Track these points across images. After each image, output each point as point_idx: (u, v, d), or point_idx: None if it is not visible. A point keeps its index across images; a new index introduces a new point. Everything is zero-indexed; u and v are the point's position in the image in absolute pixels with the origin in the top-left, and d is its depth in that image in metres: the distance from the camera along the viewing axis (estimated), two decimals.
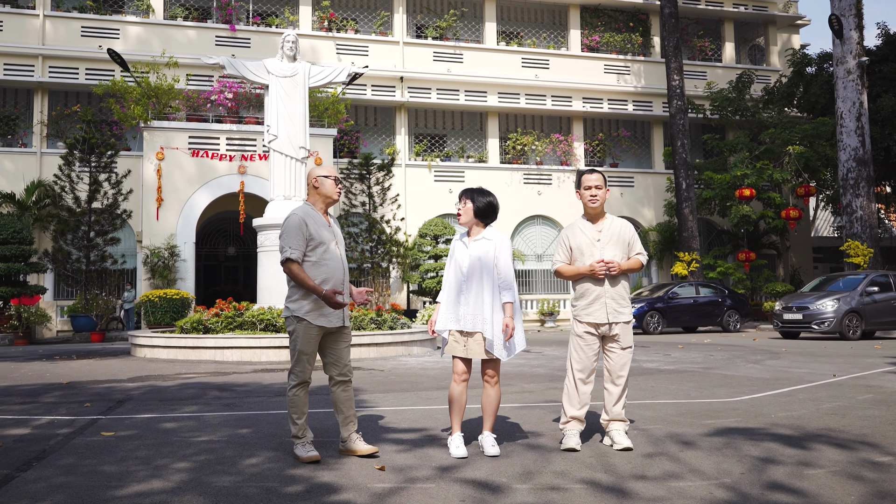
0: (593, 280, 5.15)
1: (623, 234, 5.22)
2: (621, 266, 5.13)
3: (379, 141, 25.49)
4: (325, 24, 24.04)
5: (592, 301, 5.15)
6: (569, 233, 5.30)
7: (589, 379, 5.19)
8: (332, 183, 4.99)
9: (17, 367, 10.89)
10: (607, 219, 5.28)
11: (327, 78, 13.08)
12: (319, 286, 4.76)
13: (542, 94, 26.10)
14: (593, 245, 5.17)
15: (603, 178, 5.24)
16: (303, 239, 4.78)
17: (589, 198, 5.17)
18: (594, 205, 5.16)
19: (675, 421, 5.97)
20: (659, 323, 19.73)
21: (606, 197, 5.25)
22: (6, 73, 21.04)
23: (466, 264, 4.95)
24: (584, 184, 5.21)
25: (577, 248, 5.21)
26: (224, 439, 5.42)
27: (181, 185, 19.45)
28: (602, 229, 5.22)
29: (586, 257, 5.17)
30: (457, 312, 4.95)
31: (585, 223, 5.27)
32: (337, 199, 5.00)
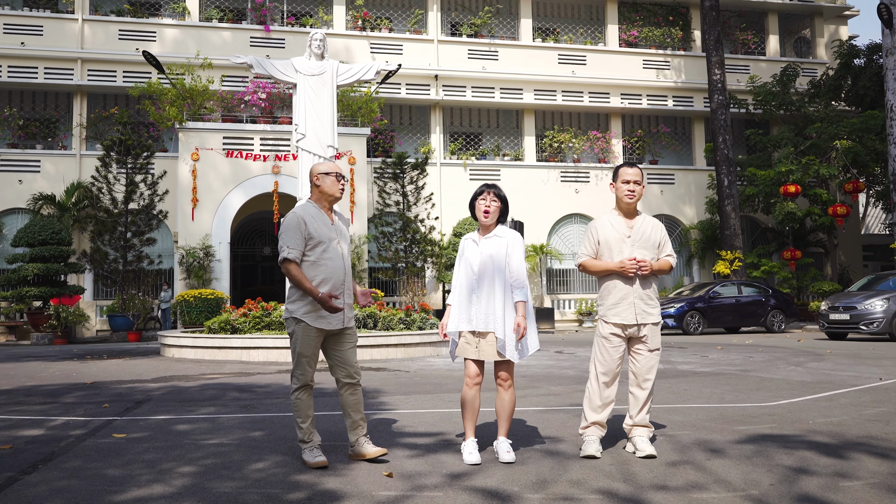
0: (622, 278, 4.90)
1: (654, 234, 4.97)
2: (652, 266, 4.88)
3: (414, 140, 25.37)
4: (358, 23, 24.00)
5: (620, 300, 4.90)
6: (598, 226, 5.04)
7: (613, 382, 4.94)
8: (332, 180, 4.83)
9: (47, 366, 10.99)
10: (640, 216, 5.03)
11: (356, 76, 12.95)
12: (315, 288, 4.62)
13: (579, 91, 25.70)
14: (623, 241, 4.92)
15: (641, 174, 5.00)
16: (301, 238, 4.65)
17: (626, 192, 4.90)
18: (630, 200, 4.90)
19: (704, 427, 5.67)
20: (699, 323, 19.23)
21: (642, 193, 5.00)
22: (47, 76, 21.43)
23: (478, 263, 4.76)
24: (621, 177, 4.95)
25: (605, 242, 4.96)
26: (235, 442, 5.30)
27: (216, 186, 19.56)
28: (633, 226, 4.97)
29: (614, 253, 4.92)
30: (469, 312, 4.76)
31: (617, 218, 5.02)
32: (339, 196, 4.83)
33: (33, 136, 21.73)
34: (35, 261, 17.83)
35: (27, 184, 20.76)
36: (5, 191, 20.67)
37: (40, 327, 18.07)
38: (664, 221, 25.64)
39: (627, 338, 4.94)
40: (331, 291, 4.66)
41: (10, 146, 21.21)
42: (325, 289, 4.65)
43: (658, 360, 4.98)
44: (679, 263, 26.16)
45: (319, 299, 4.56)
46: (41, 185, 20.75)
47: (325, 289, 4.65)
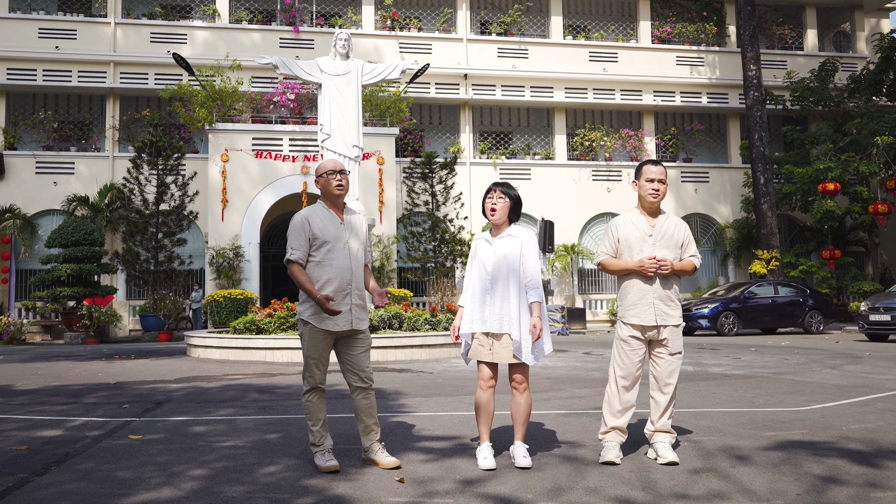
0: (641, 278, 4.74)
1: (677, 234, 4.81)
2: (674, 266, 4.71)
3: (443, 139, 25.27)
4: (387, 23, 23.97)
5: (638, 301, 4.75)
6: (618, 224, 4.90)
7: (633, 386, 4.78)
8: (327, 179, 4.74)
9: (75, 366, 11.09)
10: (663, 215, 4.87)
11: (381, 75, 12.88)
12: (314, 290, 4.55)
13: (610, 89, 25.37)
14: (644, 240, 4.77)
15: (665, 172, 4.84)
16: (304, 239, 4.60)
17: (650, 190, 4.74)
18: (654, 199, 4.74)
19: (731, 432, 5.47)
20: (734, 324, 18.83)
21: (666, 192, 4.83)
22: (80, 79, 21.74)
23: (491, 263, 4.63)
24: (645, 175, 4.79)
25: (626, 241, 4.81)
26: (249, 445, 5.25)
27: (245, 186, 19.67)
28: (655, 225, 4.81)
29: (634, 252, 4.77)
30: (482, 313, 4.63)
31: (639, 216, 4.86)
32: (337, 193, 4.73)
33: (68, 138, 22.07)
34: (68, 261, 18.09)
35: (62, 185, 21.09)
36: (41, 192, 21.02)
37: (73, 327, 18.33)
38: (698, 220, 25.32)
39: (648, 340, 4.78)
40: (336, 291, 4.58)
41: (45, 148, 21.57)
42: (330, 289, 4.57)
43: (680, 363, 4.81)
44: (714, 263, 25.71)
45: (316, 301, 4.48)
46: (75, 187, 21.07)
47: (330, 289, 4.57)
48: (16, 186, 20.88)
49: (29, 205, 20.81)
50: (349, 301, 4.65)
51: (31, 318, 20.12)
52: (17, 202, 20.59)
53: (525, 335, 4.54)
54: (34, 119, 21.66)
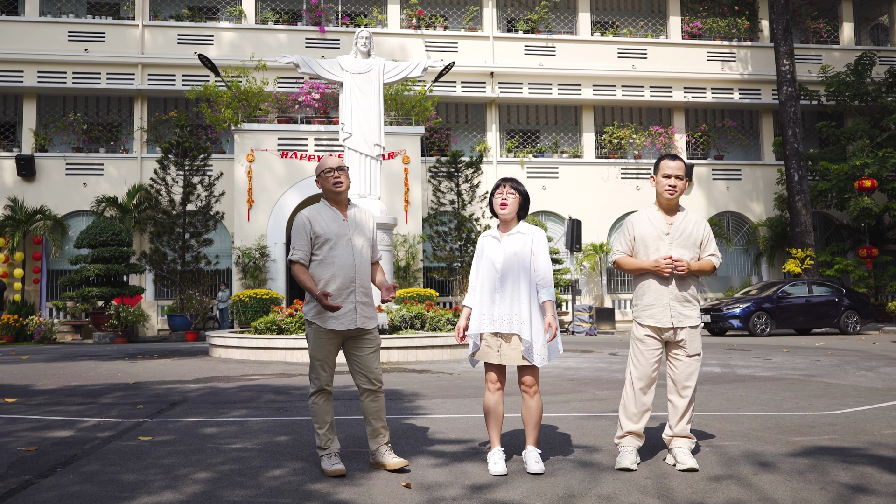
0: (657, 278, 4.58)
1: (696, 232, 4.62)
2: (691, 266, 4.52)
3: (470, 138, 25.11)
4: (413, 21, 23.87)
5: (654, 302, 4.59)
6: (635, 221, 4.72)
7: (649, 389, 4.61)
8: (325, 177, 4.65)
9: (97, 365, 11.13)
10: (681, 213, 4.68)
11: (402, 73, 12.76)
12: (314, 287, 4.48)
13: (639, 85, 25.00)
14: (660, 239, 4.59)
15: (684, 167, 4.63)
16: (306, 239, 4.53)
17: (667, 187, 4.56)
18: (671, 196, 4.56)
19: (756, 437, 5.24)
20: (767, 324, 18.40)
21: (685, 188, 4.63)
22: (109, 81, 21.96)
23: (501, 260, 4.48)
24: (662, 170, 4.60)
25: (641, 239, 4.64)
26: (258, 447, 5.16)
27: (271, 187, 19.71)
28: (673, 223, 4.62)
29: (650, 251, 4.60)
30: (491, 313, 4.47)
31: (656, 214, 4.68)
32: (337, 191, 4.63)
33: (97, 140, 22.33)
34: (96, 262, 18.27)
35: (91, 186, 21.33)
36: (71, 194, 21.28)
37: (101, 327, 18.51)
38: (730, 218, 24.85)
39: (665, 342, 4.61)
40: (339, 290, 4.50)
41: (74, 150, 21.82)
42: (332, 287, 4.49)
43: (699, 365, 4.62)
44: (747, 262, 25.21)
45: (315, 297, 4.42)
46: (104, 188, 21.30)
47: (332, 287, 4.49)
48: (46, 188, 21.17)
49: (59, 206, 21.08)
50: (353, 299, 4.55)
51: (61, 318, 20.37)
52: (47, 203, 20.86)
53: (537, 336, 4.40)
54: (64, 121, 21.94)
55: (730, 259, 25.09)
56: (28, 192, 20.96)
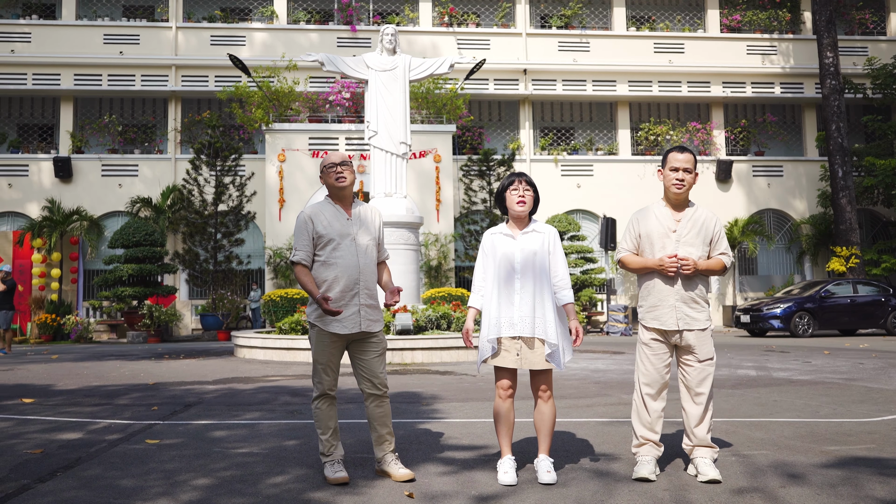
0: (662, 278, 4.32)
1: (706, 229, 4.34)
2: (698, 265, 4.25)
3: (503, 136, 24.84)
4: (445, 19, 23.68)
5: (659, 303, 4.34)
6: (640, 217, 4.47)
7: (659, 395, 4.37)
8: (328, 173, 4.46)
9: (122, 365, 11.13)
10: (690, 208, 4.40)
11: (428, 70, 12.58)
12: (316, 290, 4.30)
13: (676, 81, 24.47)
14: (667, 236, 4.33)
15: (694, 160, 4.36)
16: (308, 239, 4.36)
17: (674, 181, 4.30)
18: (679, 190, 4.29)
19: (788, 446, 4.94)
20: (809, 325, 17.83)
21: (694, 182, 4.36)
22: (143, 83, 22.20)
23: (520, 259, 4.24)
24: (669, 163, 4.34)
25: (647, 236, 4.39)
26: (264, 452, 5.03)
27: (302, 186, 19.70)
28: (681, 219, 4.35)
29: (656, 249, 4.35)
30: (511, 316, 4.23)
31: (663, 209, 4.42)
32: (340, 186, 4.44)
33: (132, 141, 22.59)
34: (130, 262, 18.44)
35: (126, 187, 21.57)
36: (106, 195, 21.54)
37: (134, 326, 18.69)
38: (772, 216, 24.17)
39: (673, 345, 4.35)
40: (343, 291, 4.34)
41: (110, 152, 22.10)
42: (336, 289, 4.33)
43: (712, 370, 4.35)
44: (789, 261, 24.52)
45: (316, 301, 4.24)
46: (139, 189, 21.52)
47: (336, 289, 4.33)
48: (83, 189, 21.46)
49: (95, 206, 21.35)
50: (357, 301, 4.38)
51: (97, 318, 20.63)
52: (84, 204, 21.15)
53: (561, 340, 4.21)
54: (100, 123, 22.23)
55: (771, 258, 24.43)
56: (65, 193, 21.28)
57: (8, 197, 21.32)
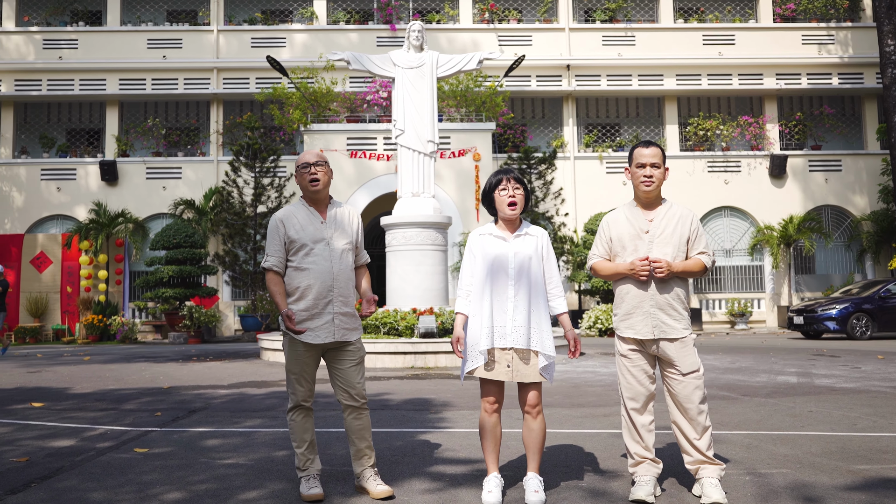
0: (635, 283, 4.01)
1: (681, 227, 4.01)
2: (673, 267, 3.91)
3: (546, 133, 24.37)
4: (485, 16, 23.34)
5: (633, 310, 4.04)
6: (611, 221, 4.17)
7: (646, 408, 4.07)
8: (301, 174, 4.22)
9: (146, 368, 11.10)
10: (663, 206, 4.09)
11: (456, 66, 12.27)
12: (282, 302, 4.10)
13: (727, 73, 23.62)
14: (639, 237, 4.03)
15: (661, 154, 4.05)
16: (279, 243, 4.14)
17: (642, 178, 4.00)
18: (648, 188, 3.99)
19: (812, 463, 4.51)
20: (867, 327, 16.94)
21: (665, 177, 4.04)
22: (186, 87, 22.46)
23: (514, 264, 3.93)
24: (635, 159, 4.04)
25: (619, 240, 4.09)
26: (249, 463, 4.84)
27: (341, 187, 19.62)
28: (654, 219, 4.04)
29: (628, 253, 4.05)
30: (503, 325, 3.92)
31: (634, 210, 4.12)
32: (313, 189, 4.19)
33: (175, 144, 22.88)
34: (171, 263, 18.62)
35: (170, 190, 21.84)
36: (151, 197, 21.86)
37: (175, 327, 18.89)
38: (830, 213, 23.13)
39: (652, 356, 4.03)
40: (316, 299, 4.11)
41: (154, 155, 22.42)
42: (308, 297, 4.11)
43: (699, 383, 3.99)
44: (849, 259, 23.43)
45: (280, 315, 4.08)
46: (182, 191, 21.76)
47: (308, 297, 4.11)
48: (128, 191, 21.82)
49: (140, 209, 21.68)
50: (331, 309, 4.15)
51: (142, 318, 20.94)
52: (129, 207, 21.49)
53: (553, 351, 3.91)
54: (144, 127, 22.58)
55: (830, 256, 23.39)
56: (111, 196, 21.66)
57: (57, 200, 21.82)
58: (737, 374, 9.58)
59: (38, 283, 20.88)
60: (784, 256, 22.54)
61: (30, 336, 19.88)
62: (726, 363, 11.07)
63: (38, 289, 20.84)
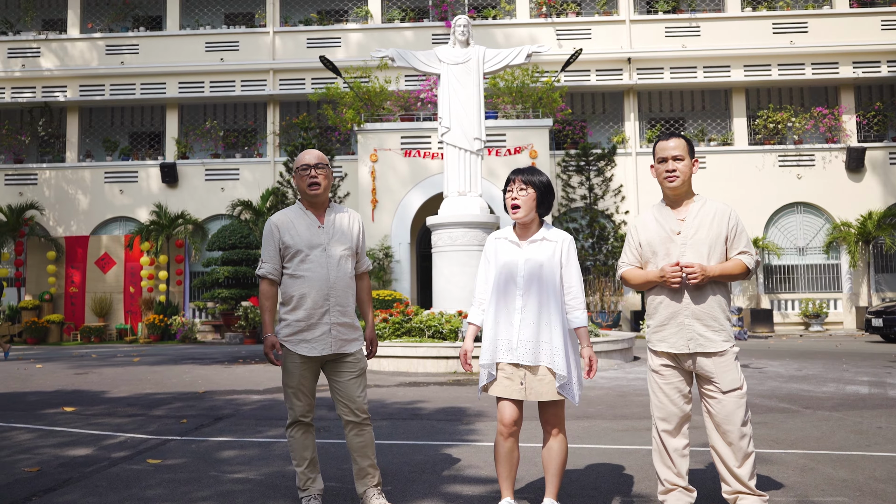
0: (668, 291, 3.57)
1: (717, 225, 3.56)
2: (708, 271, 3.46)
3: (606, 129, 23.67)
4: (542, 10, 22.79)
5: (666, 321, 3.60)
6: (639, 224, 3.75)
7: (679, 430, 3.65)
8: (300, 176, 3.94)
9: (189, 371, 11.01)
10: (696, 203, 3.65)
11: (504, 61, 11.85)
12: (270, 322, 3.88)
13: (799, 63, 22.46)
14: (670, 240, 3.59)
15: (686, 146, 3.61)
16: (274, 250, 3.89)
17: (665, 174, 3.59)
18: (672, 184, 3.58)
19: (873, 491, 4.00)
20: None
21: (694, 171, 3.60)
22: (243, 88, 22.64)
23: (524, 273, 3.56)
24: (657, 154, 3.64)
25: (648, 244, 3.66)
26: (258, 478, 4.62)
27: (395, 186, 19.43)
28: (686, 218, 3.59)
29: (659, 258, 3.62)
30: (510, 338, 3.57)
31: (664, 210, 3.69)
32: (312, 193, 3.91)
33: (233, 145, 23.11)
34: (227, 264, 18.74)
35: (228, 191, 22.05)
36: (210, 198, 22.11)
37: (231, 327, 19.02)
38: None
39: (688, 372, 3.59)
40: (311, 309, 3.84)
41: (213, 156, 22.66)
42: (303, 307, 3.85)
43: (742, 403, 3.53)
44: None
45: (264, 339, 3.87)
46: (240, 192, 21.94)
47: (303, 307, 3.85)
48: (188, 193, 22.13)
49: (199, 210, 21.95)
50: (328, 319, 3.86)
51: (201, 318, 21.19)
52: (188, 208, 21.78)
53: (573, 369, 3.52)
54: (202, 129, 22.86)
55: None
56: (171, 197, 22.00)
57: (120, 202, 22.29)
58: (802, 382, 8.91)
59: (103, 283, 21.37)
60: (863, 254, 21.31)
61: (94, 335, 20.35)
62: (792, 370, 10.36)
63: (103, 289, 21.33)
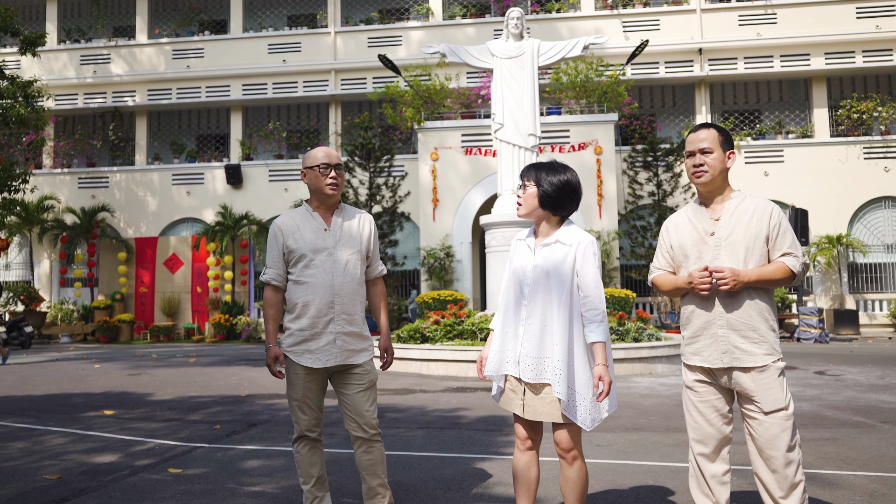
0: (699, 299, 3.13)
1: (756, 224, 3.11)
2: (742, 276, 3.02)
3: (677, 123, 22.82)
4: (608, 1, 22.12)
5: (699, 332, 3.19)
6: (671, 225, 3.34)
7: (718, 454, 3.23)
8: (316, 174, 3.61)
9: (238, 373, 10.89)
10: (733, 200, 3.20)
11: (559, 54, 11.38)
12: (272, 332, 3.64)
13: (886, 49, 21.14)
14: (703, 242, 3.17)
15: (718, 137, 3.16)
16: (278, 254, 3.64)
17: (692, 169, 3.18)
18: (700, 179, 3.16)
19: None
20: None
21: (728, 165, 3.16)
22: (305, 89, 22.76)
23: (530, 280, 3.18)
24: (686, 146, 3.23)
25: (680, 247, 3.24)
26: (275, 492, 4.43)
27: (456, 185, 19.15)
28: (720, 217, 3.16)
29: (691, 262, 3.20)
30: (515, 349, 3.22)
31: (698, 209, 3.26)
32: (329, 193, 3.61)
33: (296, 146, 23.26)
34: None
35: (291, 192, 22.18)
36: (273, 199, 22.28)
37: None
38: None
39: (726, 389, 3.17)
40: (315, 317, 3.57)
41: (276, 157, 22.86)
42: (307, 315, 3.58)
43: (788, 424, 3.07)
44: None
45: (266, 349, 3.65)
46: (303, 193, 21.99)
47: (307, 315, 3.58)
48: (252, 194, 22.37)
49: (263, 211, 22.14)
50: (333, 328, 3.59)
51: None
52: (252, 209, 22.01)
53: (582, 388, 3.09)
54: (265, 130, 23.08)
55: None
56: (236, 198, 22.29)
57: (187, 204, 22.72)
58: (882, 392, 8.19)
59: (171, 283, 21.83)
60: None
61: (163, 334, 20.78)
62: (873, 378, 9.59)
63: (171, 289, 21.78)
